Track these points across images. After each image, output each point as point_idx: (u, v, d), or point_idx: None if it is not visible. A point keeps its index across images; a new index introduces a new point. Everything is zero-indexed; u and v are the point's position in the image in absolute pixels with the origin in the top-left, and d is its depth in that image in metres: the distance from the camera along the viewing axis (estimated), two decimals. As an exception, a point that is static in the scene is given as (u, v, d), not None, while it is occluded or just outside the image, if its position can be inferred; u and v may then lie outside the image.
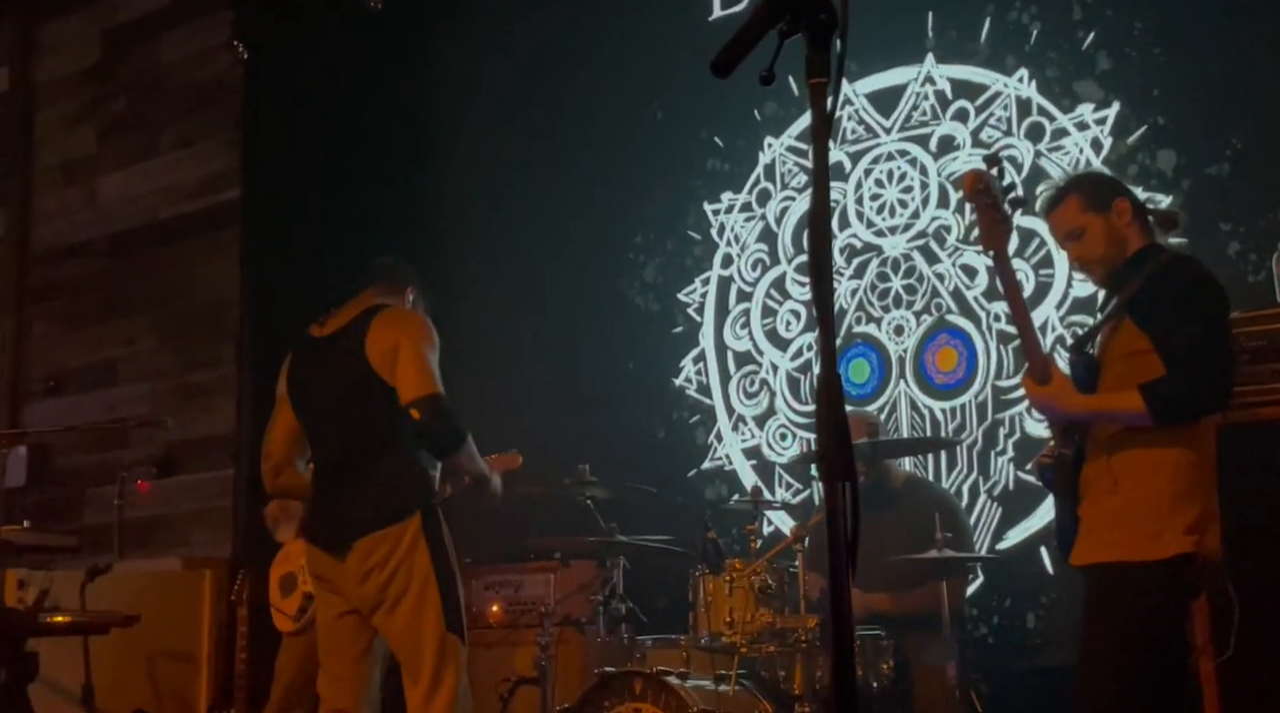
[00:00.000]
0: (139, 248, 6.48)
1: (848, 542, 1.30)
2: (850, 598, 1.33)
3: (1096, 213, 2.98)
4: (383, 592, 3.23)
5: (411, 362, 3.28)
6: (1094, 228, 2.97)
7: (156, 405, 6.21)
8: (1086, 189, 3.04)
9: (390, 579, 3.22)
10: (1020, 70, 4.96)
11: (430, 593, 3.22)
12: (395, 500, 3.27)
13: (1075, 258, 3.06)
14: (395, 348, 3.30)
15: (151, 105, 6.57)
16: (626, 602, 4.23)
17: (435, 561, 3.24)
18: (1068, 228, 3.03)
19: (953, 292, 4.98)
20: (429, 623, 3.22)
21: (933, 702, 3.84)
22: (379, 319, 3.39)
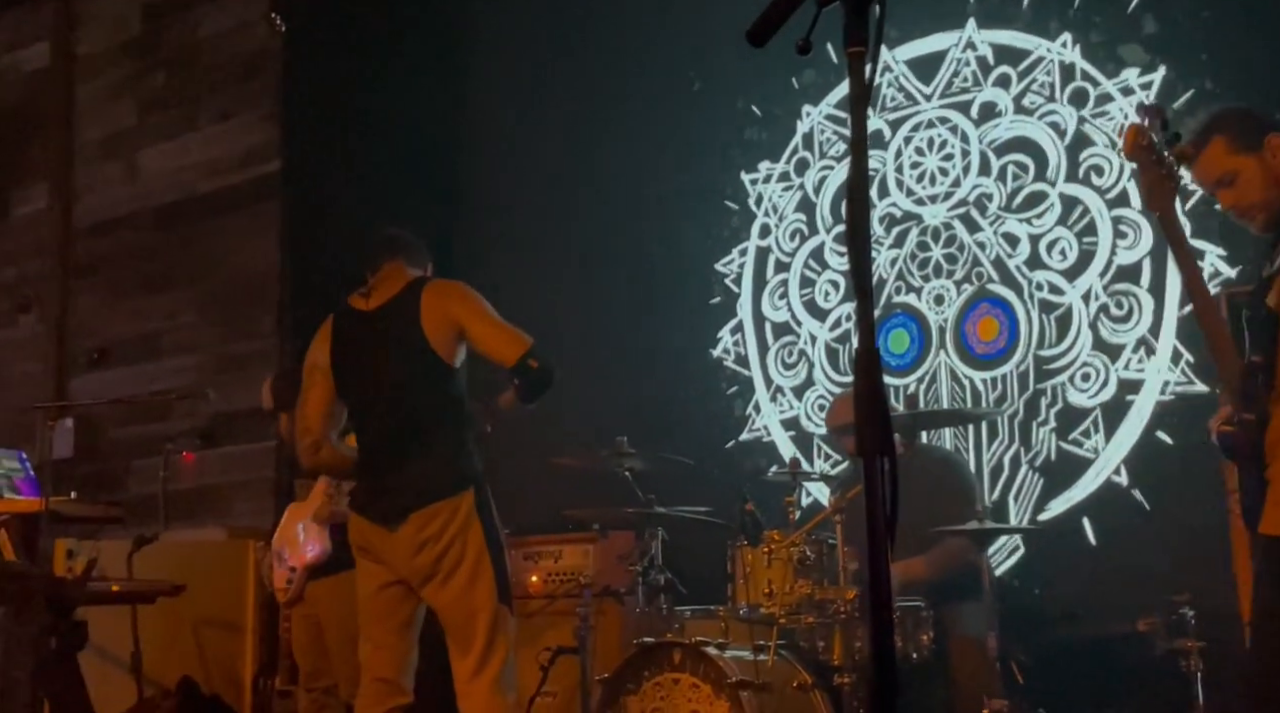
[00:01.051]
0: (180, 221, 6.54)
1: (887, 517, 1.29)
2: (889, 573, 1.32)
3: (1248, 153, 2.70)
4: (437, 564, 3.28)
5: (494, 327, 3.36)
6: (1247, 170, 2.69)
7: (199, 377, 6.29)
8: (1233, 127, 2.73)
9: (445, 551, 3.26)
10: (1064, 35, 4.87)
11: (484, 566, 3.28)
12: (451, 474, 3.32)
13: (1230, 206, 2.75)
14: (456, 321, 3.35)
15: (190, 79, 6.61)
16: (665, 573, 4.23)
17: (488, 534, 3.30)
18: (1217, 174, 2.73)
19: (994, 260, 4.93)
20: (483, 595, 3.27)
21: (973, 673, 3.82)
22: (428, 292, 3.42)
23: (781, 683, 3.68)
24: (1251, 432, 2.66)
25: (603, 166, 5.87)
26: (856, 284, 1.33)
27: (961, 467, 4.43)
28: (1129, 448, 4.51)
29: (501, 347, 3.34)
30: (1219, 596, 3.70)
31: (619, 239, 5.84)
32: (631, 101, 5.82)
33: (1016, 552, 4.67)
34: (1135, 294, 4.59)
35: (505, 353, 3.33)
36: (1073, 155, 4.79)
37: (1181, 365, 4.45)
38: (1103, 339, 4.63)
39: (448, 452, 3.35)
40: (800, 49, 1.50)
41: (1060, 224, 4.78)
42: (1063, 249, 4.77)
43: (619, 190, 5.83)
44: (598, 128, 5.89)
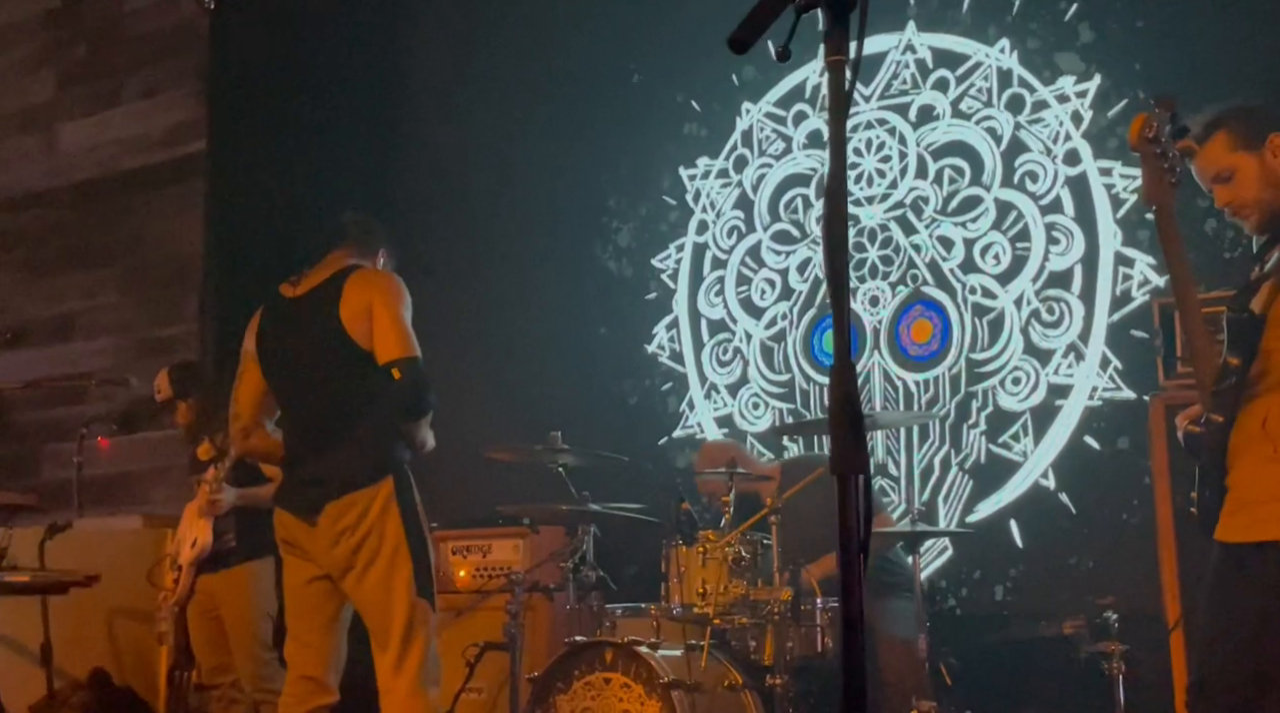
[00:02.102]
0: (101, 199, 6.34)
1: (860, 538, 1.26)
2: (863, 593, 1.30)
3: (1249, 151, 2.68)
4: (353, 556, 3.19)
5: (390, 323, 3.23)
6: (1246, 169, 2.68)
7: (118, 361, 6.10)
8: (1236, 124, 2.71)
9: (361, 543, 3.18)
10: (1002, 40, 4.91)
11: (401, 557, 3.18)
12: (367, 464, 3.22)
13: (1224, 203, 2.73)
14: (369, 309, 3.25)
15: (113, 53, 6.41)
16: (597, 569, 4.21)
17: (407, 524, 3.21)
18: (1215, 170, 2.71)
19: (929, 263, 4.96)
20: (399, 588, 3.18)
21: (902, 674, 3.85)
22: (352, 280, 3.32)
23: (713, 683, 3.67)
24: (1218, 434, 2.65)
25: (540, 157, 5.80)
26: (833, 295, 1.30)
27: None
28: (1057, 452, 4.58)
29: (386, 343, 3.22)
30: (1143, 599, 3.76)
31: (555, 232, 5.79)
32: (571, 92, 5.76)
33: (945, 553, 4.72)
34: (1066, 300, 4.65)
35: (385, 350, 3.21)
36: (1008, 161, 4.84)
37: (1110, 371, 4.52)
38: (1034, 344, 4.69)
39: (366, 441, 3.25)
40: (779, 56, 1.47)
41: (995, 229, 4.83)
42: (996, 254, 4.82)
43: (556, 182, 5.77)
44: (536, 119, 5.82)
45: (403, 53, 6.31)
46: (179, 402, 4.67)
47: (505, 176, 5.90)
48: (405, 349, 3.21)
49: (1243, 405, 2.62)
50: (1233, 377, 2.62)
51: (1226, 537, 2.62)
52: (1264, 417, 2.59)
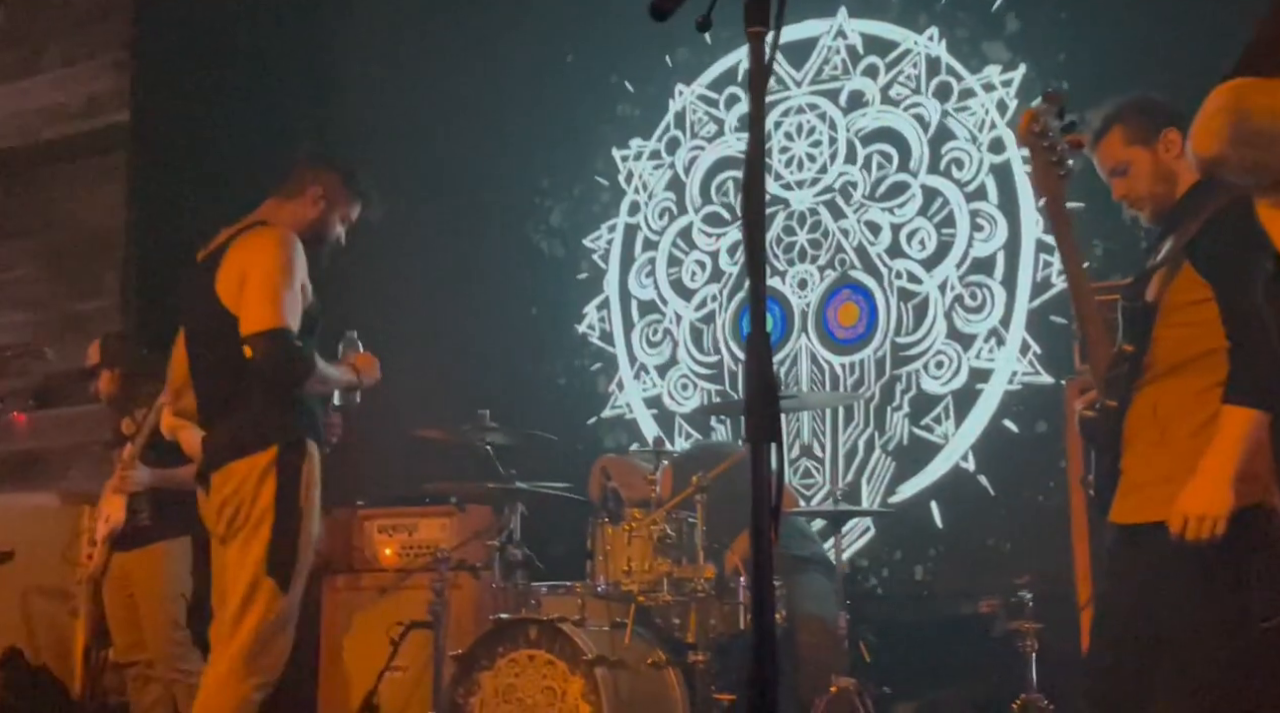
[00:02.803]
0: (18, 169, 6.18)
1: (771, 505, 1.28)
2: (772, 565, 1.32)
3: (1143, 145, 2.72)
4: (229, 525, 3.05)
5: (255, 292, 3.04)
6: (1140, 163, 2.72)
7: (35, 335, 5.97)
8: (1132, 119, 2.76)
9: (236, 513, 3.03)
10: (931, 28, 4.98)
11: (262, 531, 3.00)
12: (249, 433, 3.06)
13: (1121, 196, 2.79)
14: (242, 279, 3.07)
15: (33, 19, 6.24)
16: (523, 548, 4.21)
17: (280, 498, 3.01)
18: (1111, 163, 2.76)
19: (856, 247, 5.02)
20: (249, 562, 2.99)
21: (821, 651, 3.90)
22: (235, 246, 3.16)
23: (636, 660, 3.69)
24: (1112, 419, 2.71)
25: (472, 136, 5.76)
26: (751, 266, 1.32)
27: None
28: (977, 435, 4.67)
29: (246, 316, 3.03)
30: (1056, 579, 3.85)
31: (487, 211, 5.76)
32: (504, 70, 5.72)
33: (867, 533, 4.79)
34: (989, 286, 4.74)
35: (244, 322, 3.03)
36: (935, 148, 4.91)
37: (1029, 356, 4.62)
38: (956, 328, 4.77)
39: (250, 410, 3.08)
40: (699, 25, 1.48)
41: (921, 214, 4.90)
42: (922, 239, 4.89)
43: (488, 161, 5.73)
44: (468, 96, 5.77)
45: (332, 26, 6.22)
46: (104, 370, 4.59)
47: (437, 155, 5.85)
48: (262, 321, 3.01)
49: (1135, 391, 2.69)
50: (1126, 363, 2.69)
51: (1120, 518, 2.70)
52: (1154, 403, 2.66)
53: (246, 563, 2.99)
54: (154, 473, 4.35)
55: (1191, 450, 2.54)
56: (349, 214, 3.39)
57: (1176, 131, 2.71)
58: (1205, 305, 2.59)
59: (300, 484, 3.04)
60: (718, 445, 4.76)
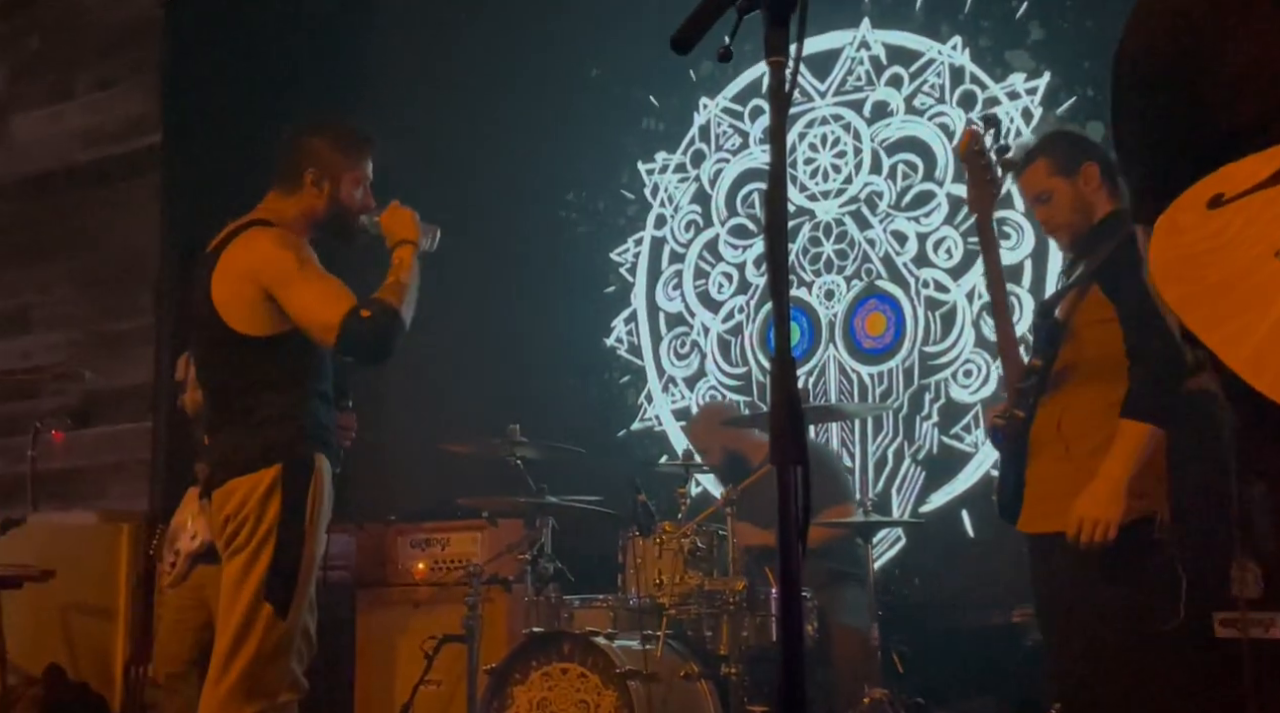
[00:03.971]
0: (55, 192, 6.28)
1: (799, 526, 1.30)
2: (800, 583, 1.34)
3: (1064, 177, 2.92)
4: (229, 544, 2.89)
5: (300, 302, 2.83)
6: (1060, 192, 2.92)
7: (72, 355, 6.06)
8: (1056, 151, 2.98)
9: (237, 532, 2.86)
10: (955, 38, 4.98)
11: (264, 553, 2.83)
12: (252, 449, 2.88)
13: (1042, 222, 3.01)
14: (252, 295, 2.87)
15: (67, 45, 6.35)
16: (554, 562, 4.23)
17: (284, 519, 2.84)
18: (1035, 191, 2.98)
19: (883, 257, 5.03)
20: (247, 586, 2.84)
21: (854, 662, 3.91)
22: (231, 248, 2.93)
23: (669, 673, 3.71)
24: (1019, 429, 2.88)
25: (500, 153, 5.80)
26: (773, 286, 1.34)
27: (829, 453, 4.57)
28: (1007, 443, 4.65)
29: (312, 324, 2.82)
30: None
31: (515, 226, 5.79)
32: (530, 87, 5.76)
33: (898, 543, 4.78)
34: (1016, 293, 4.73)
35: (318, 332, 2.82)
36: (959, 158, 4.89)
37: (1059, 364, 4.60)
38: (985, 337, 4.76)
39: (253, 425, 2.89)
40: (721, 56, 1.51)
41: (947, 223, 4.90)
42: (949, 248, 4.89)
43: (515, 177, 5.77)
44: (496, 113, 5.82)
45: (361, 48, 6.28)
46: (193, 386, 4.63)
47: (463, 173, 5.89)
48: (329, 316, 2.81)
49: (1042, 405, 2.85)
50: (1034, 376, 2.86)
51: (1027, 528, 2.86)
52: (1059, 418, 2.82)
53: (246, 586, 2.84)
54: None
55: (1092, 468, 2.70)
56: (360, 175, 3.11)
57: (1095, 165, 2.92)
58: (1110, 325, 2.75)
59: (306, 505, 2.87)
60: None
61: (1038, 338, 2.91)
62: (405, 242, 3.06)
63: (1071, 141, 3.08)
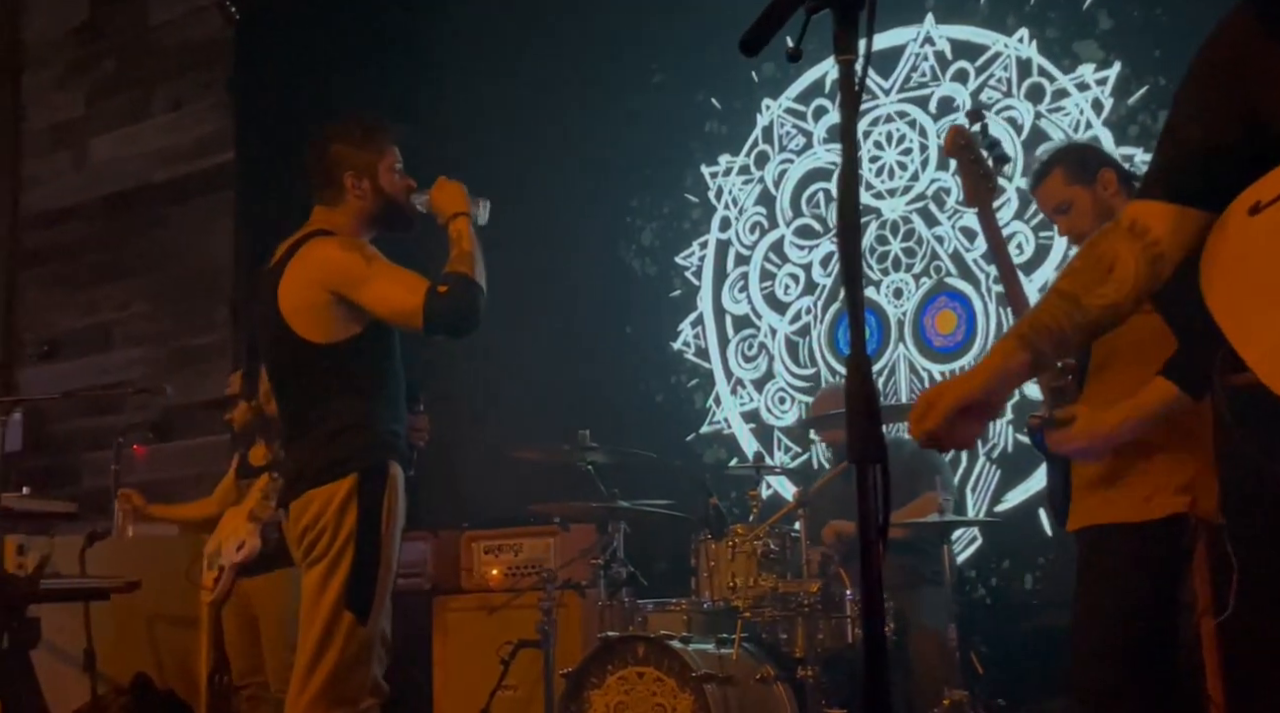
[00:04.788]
0: (132, 211, 6.44)
1: (880, 526, 1.29)
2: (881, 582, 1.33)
3: (1082, 185, 2.95)
4: (307, 554, 2.92)
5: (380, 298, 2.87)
6: (1081, 201, 2.95)
7: (150, 370, 6.20)
8: (1071, 161, 3.01)
9: (315, 541, 2.89)
10: (1020, 30, 4.92)
11: (343, 562, 2.86)
12: (326, 460, 2.91)
13: (1065, 232, 3.05)
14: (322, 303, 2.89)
15: (141, 67, 6.51)
16: (627, 566, 4.24)
17: (361, 528, 2.86)
18: (1055, 202, 3.01)
19: (952, 254, 4.98)
20: (328, 594, 2.87)
21: (933, 663, 3.87)
22: (295, 260, 2.96)
23: (745, 676, 3.70)
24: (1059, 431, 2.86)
25: (563, 160, 5.84)
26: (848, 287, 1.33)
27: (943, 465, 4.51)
28: (1084, 440, 4.57)
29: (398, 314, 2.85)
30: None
31: (579, 232, 5.83)
32: (592, 94, 5.80)
33: (975, 543, 4.73)
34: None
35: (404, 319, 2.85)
36: (1029, 150, 4.83)
37: (1135, 359, 4.52)
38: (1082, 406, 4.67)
39: (327, 436, 2.92)
40: (791, 56, 1.50)
41: (1017, 218, 4.84)
42: (1019, 243, 4.82)
43: (580, 183, 5.81)
44: (559, 121, 5.86)
45: (426, 60, 6.35)
46: (242, 401, 4.73)
47: (531, 180, 5.94)
48: (408, 301, 2.84)
49: (1082, 404, 2.80)
50: (1069, 375, 2.85)
51: (1071, 526, 2.87)
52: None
53: (327, 594, 2.88)
54: None
55: (1130, 461, 2.72)
56: (392, 159, 3.13)
57: (1111, 171, 2.94)
58: (1144, 317, 2.68)
59: (382, 514, 2.90)
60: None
61: None
62: (458, 214, 3.07)
63: (1084, 151, 3.14)
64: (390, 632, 3.12)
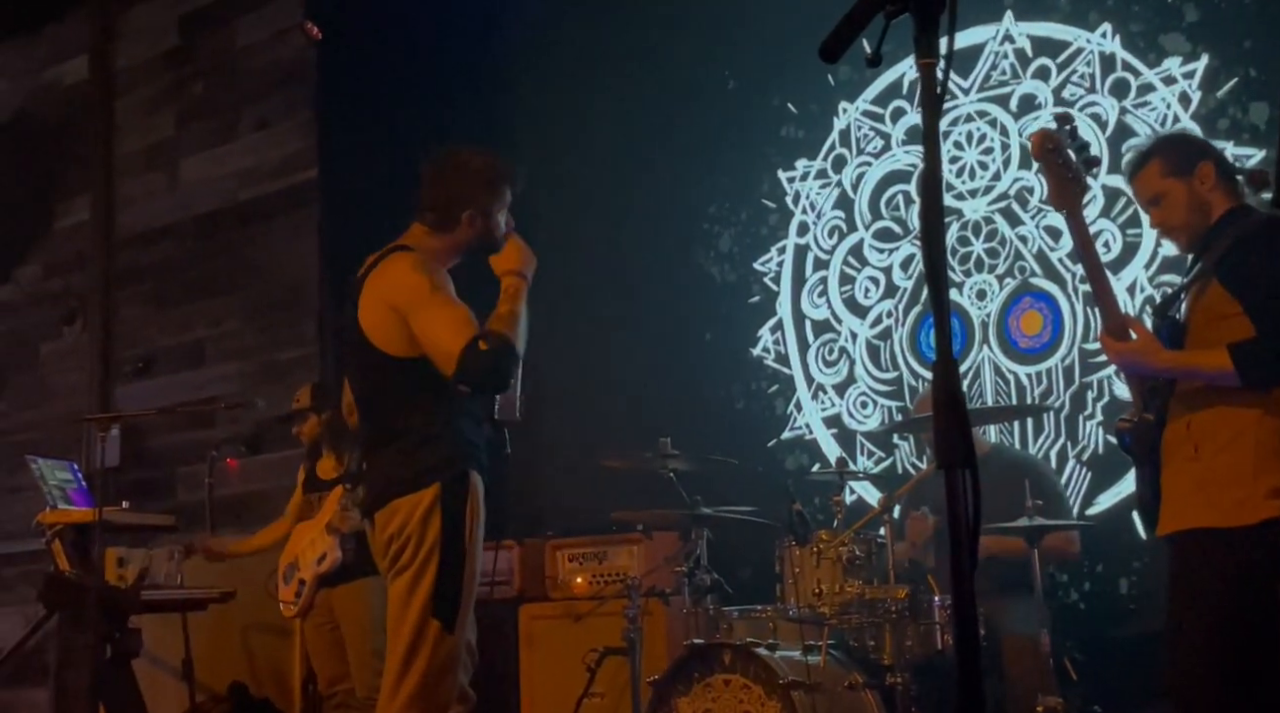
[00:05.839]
0: (220, 229, 6.60)
1: (970, 529, 1.28)
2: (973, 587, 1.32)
3: (1179, 178, 2.91)
4: (393, 563, 2.97)
5: (427, 330, 2.91)
6: (1175, 194, 2.91)
7: (242, 385, 6.34)
8: (1169, 153, 2.96)
9: (401, 550, 2.95)
10: (1103, 25, 4.83)
11: (428, 571, 2.91)
12: (410, 470, 2.96)
13: (1157, 224, 3.00)
14: (391, 319, 2.96)
15: (228, 88, 6.67)
16: (711, 573, 4.23)
17: (445, 537, 2.91)
18: (1149, 194, 2.97)
19: (1036, 254, 4.90)
20: (415, 603, 2.91)
21: (1026, 670, 3.80)
22: (372, 277, 3.04)
23: (833, 683, 3.68)
24: (1149, 431, 2.86)
25: (640, 169, 5.86)
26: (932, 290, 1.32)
27: (1050, 474, 4.44)
28: (1178, 441, 4.46)
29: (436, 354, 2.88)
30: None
31: (657, 240, 5.84)
32: (667, 102, 5.81)
33: (1068, 547, 4.63)
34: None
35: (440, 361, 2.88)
36: (1114, 147, 4.75)
37: (1230, 357, 4.40)
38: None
39: (410, 446, 2.98)
40: (870, 62, 1.50)
41: (1104, 216, 4.75)
42: (1106, 242, 4.73)
43: (657, 191, 5.83)
44: (635, 130, 5.88)
45: (505, 74, 6.41)
46: (311, 415, 4.82)
47: (609, 190, 5.97)
48: (452, 344, 2.85)
49: (1171, 407, 2.83)
50: (1160, 376, 2.85)
51: (1163, 531, 2.82)
52: (1188, 419, 2.79)
53: (413, 604, 2.92)
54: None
55: (1221, 465, 2.69)
56: (505, 206, 3.21)
57: (1210, 164, 2.88)
58: (1233, 320, 2.71)
59: (465, 522, 2.95)
60: None
61: (1160, 337, 2.86)
62: (511, 272, 3.10)
63: (1185, 142, 3.09)
64: (476, 640, 3.18)
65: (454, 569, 2.93)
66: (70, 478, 5.15)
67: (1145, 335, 2.81)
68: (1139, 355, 2.81)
